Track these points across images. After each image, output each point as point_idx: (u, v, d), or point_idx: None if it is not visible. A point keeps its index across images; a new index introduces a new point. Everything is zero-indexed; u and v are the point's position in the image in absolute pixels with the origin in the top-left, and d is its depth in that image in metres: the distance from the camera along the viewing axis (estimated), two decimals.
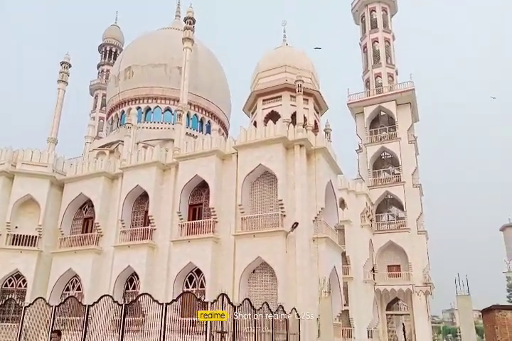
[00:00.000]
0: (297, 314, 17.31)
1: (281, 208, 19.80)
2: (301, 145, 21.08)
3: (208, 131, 34.58)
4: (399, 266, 36.83)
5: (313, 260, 19.46)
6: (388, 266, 37.18)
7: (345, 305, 25.82)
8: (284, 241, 19.10)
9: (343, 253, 27.36)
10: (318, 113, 30.91)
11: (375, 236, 36.77)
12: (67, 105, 32.32)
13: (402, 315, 39.32)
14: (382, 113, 43.79)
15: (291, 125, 22.52)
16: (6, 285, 23.42)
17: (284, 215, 19.76)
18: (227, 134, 38.51)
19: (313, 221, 20.51)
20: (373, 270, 35.56)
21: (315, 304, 17.94)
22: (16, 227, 24.59)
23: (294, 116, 26.20)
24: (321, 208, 20.62)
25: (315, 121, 29.62)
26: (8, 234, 24.22)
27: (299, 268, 18.63)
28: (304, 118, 25.51)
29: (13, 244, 24.03)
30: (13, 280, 23.64)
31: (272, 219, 19.86)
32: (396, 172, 41.21)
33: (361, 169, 41.85)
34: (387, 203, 41.17)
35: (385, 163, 42.90)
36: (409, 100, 42.55)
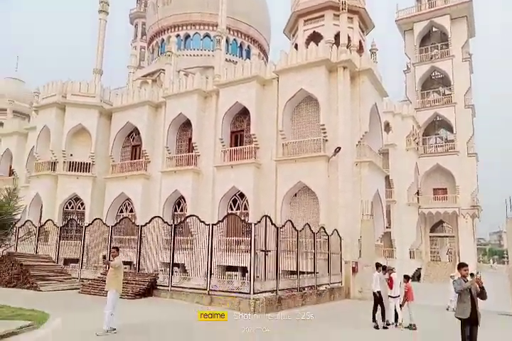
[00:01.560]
0: (339, 235, 17.84)
1: (324, 133, 19.46)
2: (344, 68, 20.02)
3: (248, 56, 33.51)
4: (445, 189, 36.28)
5: (355, 184, 19.48)
6: (434, 189, 36.70)
7: (387, 228, 26.27)
8: (326, 166, 19.06)
9: (387, 177, 27.17)
10: (363, 32, 28.80)
11: (421, 160, 35.95)
12: (109, 35, 32.00)
13: (446, 237, 39.65)
14: (434, 29, 40.12)
15: (334, 46, 21.20)
16: (66, 208, 25.65)
17: (327, 140, 19.47)
18: (267, 59, 37.16)
19: (357, 145, 20.17)
20: (418, 193, 35.35)
21: (357, 226, 18.36)
22: (71, 155, 26.20)
23: (337, 36, 24.57)
24: (365, 132, 20.13)
25: (360, 40, 27.72)
26: (64, 162, 25.94)
27: (341, 192, 18.76)
28: (348, 38, 23.87)
29: (69, 170, 25.79)
30: (72, 203, 25.80)
31: (313, 144, 19.66)
32: (447, 92, 38.77)
33: (408, 90, 39.65)
34: (436, 125, 39.46)
35: (434, 83, 40.27)
36: (465, 13, 38.40)
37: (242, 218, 16.67)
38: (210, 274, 12.98)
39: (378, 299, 10.89)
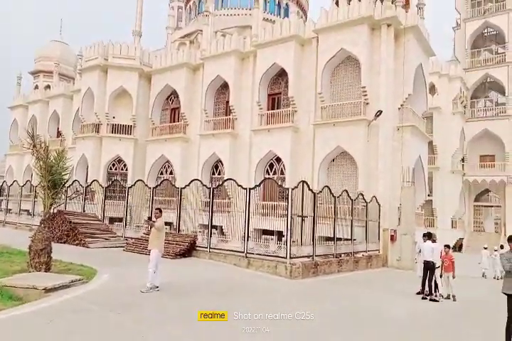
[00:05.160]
0: (377, 202, 17.62)
1: (364, 95, 18.80)
2: (388, 25, 19.02)
3: (287, 15, 32.32)
4: (493, 156, 34.45)
5: (396, 149, 18.93)
6: (481, 156, 34.93)
7: (429, 196, 25.64)
8: (366, 130, 18.54)
9: (430, 143, 26.19)
10: None
11: (468, 125, 34.19)
12: None
13: (491, 206, 38.12)
14: None
15: (378, 2, 19.87)
16: (110, 169, 26.71)
17: (367, 103, 18.83)
18: (306, 17, 35.60)
19: (399, 108, 19.44)
20: (463, 160, 33.97)
21: (396, 193, 18.00)
22: (114, 117, 26.92)
23: None
24: (408, 94, 19.31)
25: None
26: (108, 124, 26.69)
27: (381, 157, 18.32)
28: None
29: (112, 133, 26.59)
30: (116, 165, 26.81)
31: (353, 107, 19.09)
32: (500, 51, 35.96)
33: (457, 49, 37.07)
34: (486, 87, 37.08)
35: (487, 41, 37.40)
36: None
37: (279, 183, 16.68)
38: (248, 237, 13.27)
39: (431, 269, 10.47)
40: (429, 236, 11.00)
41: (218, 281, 10.98)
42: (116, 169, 26.64)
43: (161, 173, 26.17)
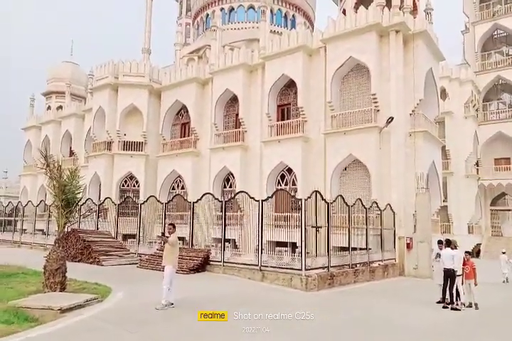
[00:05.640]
0: (392, 209, 17.31)
1: (375, 103, 18.66)
2: (397, 31, 18.93)
3: (293, 26, 32.64)
4: (508, 158, 33.80)
5: (409, 155, 18.65)
6: (495, 160, 34.32)
7: (444, 201, 25.15)
8: (378, 137, 18.35)
9: (443, 148, 25.81)
10: None
11: (481, 128, 33.70)
12: (155, 13, 32.48)
13: (509, 210, 37.24)
14: None
15: (385, 9, 19.85)
16: (123, 186, 26.87)
17: (378, 110, 18.67)
18: (313, 28, 35.93)
19: (410, 114, 19.21)
20: (477, 164, 33.41)
21: (411, 200, 17.65)
22: (125, 135, 27.20)
23: None
24: (420, 100, 19.08)
25: (413, 1, 25.74)
26: (119, 141, 26.97)
27: (393, 164, 18.05)
28: None
29: (124, 150, 26.85)
30: (128, 181, 26.96)
31: (364, 115, 18.94)
32: (511, 52, 35.54)
33: (467, 53, 36.84)
34: (498, 90, 36.57)
35: (497, 43, 37.04)
36: None
37: (291, 194, 16.53)
38: (261, 250, 13.11)
39: (452, 276, 10.08)
40: (448, 243, 10.63)
41: (233, 296, 10.82)
42: (128, 186, 26.79)
43: (173, 188, 26.21)
